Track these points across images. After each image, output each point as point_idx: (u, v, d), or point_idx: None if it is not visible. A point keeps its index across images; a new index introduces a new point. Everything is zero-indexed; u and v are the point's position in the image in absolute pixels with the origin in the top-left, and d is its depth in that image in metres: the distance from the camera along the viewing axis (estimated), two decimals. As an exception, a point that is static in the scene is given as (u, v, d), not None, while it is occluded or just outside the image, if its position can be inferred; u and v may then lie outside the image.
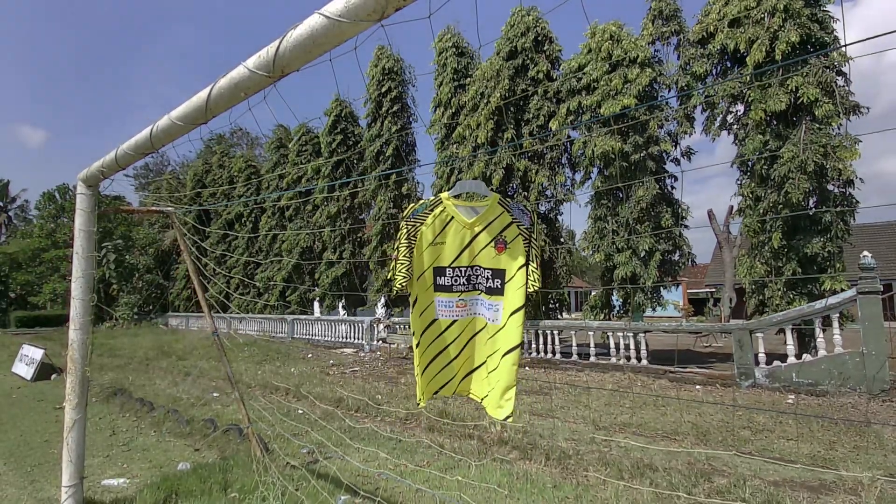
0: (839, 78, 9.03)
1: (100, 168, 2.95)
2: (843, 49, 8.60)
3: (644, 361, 9.69)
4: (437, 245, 1.81)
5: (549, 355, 11.07)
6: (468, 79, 13.52)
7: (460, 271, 1.83)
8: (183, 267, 23.84)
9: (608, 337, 10.40)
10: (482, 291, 1.84)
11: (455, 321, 1.85)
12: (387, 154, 16.13)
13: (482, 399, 1.88)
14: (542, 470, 4.35)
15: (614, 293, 11.80)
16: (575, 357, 10.64)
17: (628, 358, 9.91)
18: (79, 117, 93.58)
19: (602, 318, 11.81)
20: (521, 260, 1.81)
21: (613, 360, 10.09)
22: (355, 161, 17.81)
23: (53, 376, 9.88)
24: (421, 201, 1.87)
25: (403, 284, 1.84)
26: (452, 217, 1.81)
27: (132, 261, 27.15)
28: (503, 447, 5.01)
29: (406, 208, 1.85)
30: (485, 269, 1.82)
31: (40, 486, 4.25)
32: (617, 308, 11.93)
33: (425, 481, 4.00)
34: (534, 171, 12.04)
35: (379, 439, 5.15)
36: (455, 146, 13.41)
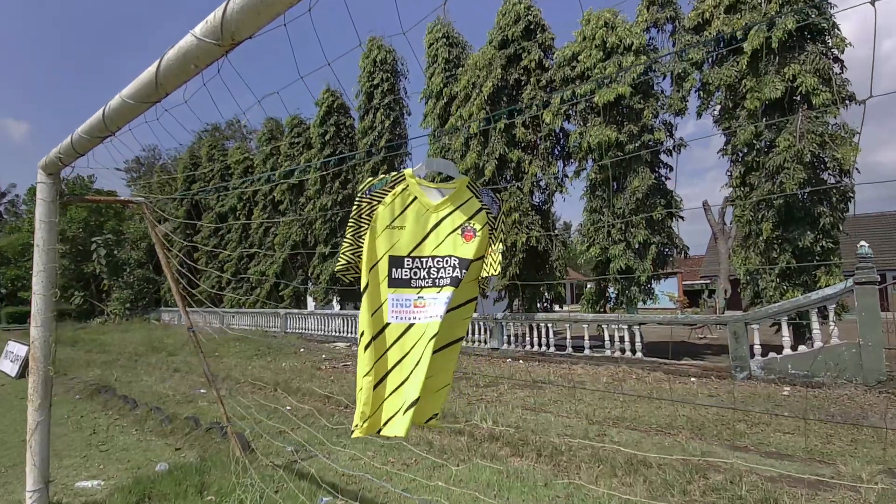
0: (836, 65, 8.89)
1: (57, 154, 2.76)
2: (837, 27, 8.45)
3: (639, 354, 9.60)
4: (394, 229, 1.54)
5: (544, 348, 10.97)
6: (460, 68, 13.30)
7: (421, 262, 1.56)
8: (176, 261, 23.58)
9: (603, 329, 10.29)
10: (444, 286, 1.55)
11: (412, 325, 1.52)
12: (379, 146, 15.91)
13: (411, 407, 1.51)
14: (533, 467, 4.22)
15: (610, 285, 11.70)
16: (570, 350, 10.54)
17: (623, 350, 9.81)
18: (66, 110, 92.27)
19: (598, 310, 11.72)
20: (484, 251, 1.61)
21: (608, 352, 9.99)
22: (346, 152, 17.57)
23: (38, 373, 9.67)
24: (381, 176, 1.60)
25: (344, 269, 1.56)
26: (415, 198, 1.58)
27: (123, 255, 26.84)
28: (494, 443, 4.88)
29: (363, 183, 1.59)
30: (451, 257, 1.56)
31: (12, 489, 4.09)
32: (612, 301, 11.82)
33: (412, 480, 3.87)
34: (527, 162, 11.87)
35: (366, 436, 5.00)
36: (447, 137, 13.21)
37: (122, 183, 42.30)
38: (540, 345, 11.09)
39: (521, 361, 10.69)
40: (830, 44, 8.83)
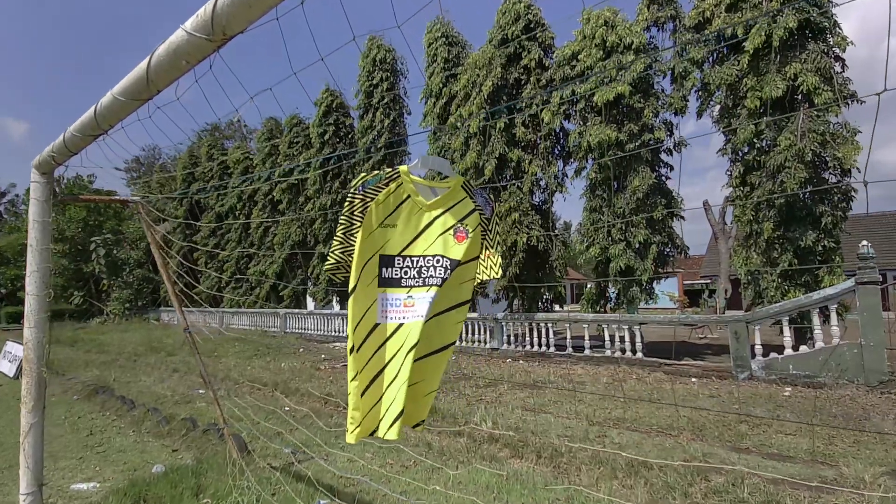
0: (837, 64, 8.85)
1: (50, 153, 2.71)
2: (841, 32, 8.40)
3: (639, 354, 9.56)
4: (386, 227, 1.49)
5: (544, 348, 10.93)
6: (459, 67, 13.27)
7: (411, 262, 1.51)
8: (174, 261, 23.50)
9: (603, 329, 10.26)
10: (432, 286, 1.51)
11: (402, 325, 1.49)
12: (378, 145, 15.87)
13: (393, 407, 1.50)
14: (533, 469, 4.19)
15: (610, 285, 11.66)
16: (570, 350, 10.50)
17: (623, 350, 9.77)
18: (66, 110, 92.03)
19: (598, 310, 11.67)
20: (475, 253, 1.58)
21: (608, 352, 9.95)
22: (345, 159, 17.54)
23: (36, 373, 9.64)
24: (374, 172, 1.52)
25: (334, 268, 1.49)
26: (409, 196, 1.52)
27: (122, 255, 26.78)
28: (493, 445, 4.85)
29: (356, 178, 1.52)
30: (443, 257, 1.52)
31: (8, 490, 4.05)
32: (612, 300, 11.78)
33: (410, 483, 3.83)
34: (527, 162, 11.83)
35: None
36: (447, 136, 13.18)
37: (122, 182, 42.21)
38: (540, 345, 11.05)
39: (520, 361, 10.65)
40: (832, 42, 8.79)
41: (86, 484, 3.96)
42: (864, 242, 7.49)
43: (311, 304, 19.73)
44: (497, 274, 1.58)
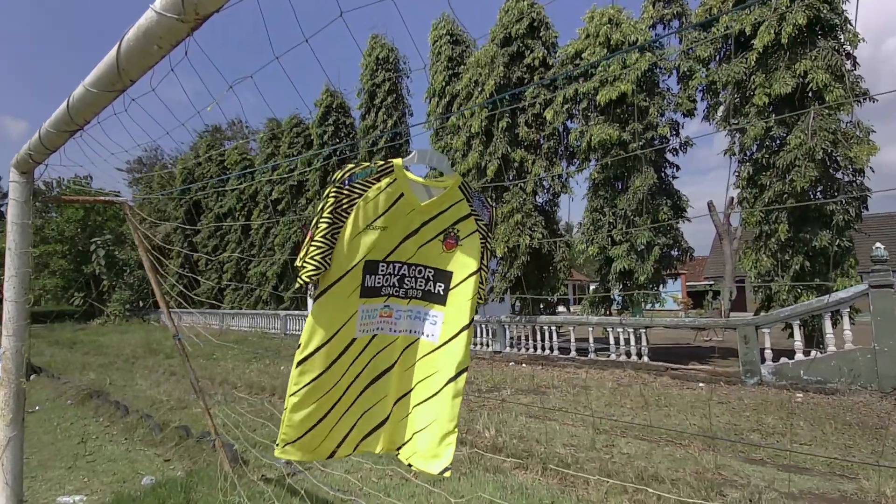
0: (848, 61, 8.65)
1: (28, 151, 2.55)
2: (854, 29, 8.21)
3: (645, 358, 9.37)
4: (375, 229, 1.28)
5: (547, 351, 10.75)
6: (462, 66, 13.11)
7: (394, 268, 1.33)
8: (175, 262, 23.38)
9: (608, 332, 10.07)
10: (416, 298, 1.37)
11: (375, 336, 1.33)
12: (380, 146, 15.72)
13: (404, 445, 1.37)
14: (538, 481, 4.01)
15: (613, 288, 11.47)
16: (573, 353, 10.31)
17: (628, 354, 9.58)
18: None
19: (602, 313, 11.47)
20: (474, 264, 1.37)
21: (613, 356, 9.76)
22: (346, 151, 17.40)
23: (32, 377, 9.49)
24: (364, 164, 1.30)
25: (314, 278, 1.25)
26: (402, 194, 1.32)
27: (123, 256, 26.67)
28: (497, 454, 4.66)
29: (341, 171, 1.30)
30: (426, 267, 1.36)
31: (-8, 504, 3.89)
32: (617, 303, 11.58)
33: (411, 497, 3.66)
34: (530, 162, 11.65)
35: (364, 447, 4.78)
36: (450, 136, 13.01)
37: (123, 183, 42.13)
38: (543, 348, 10.87)
39: (523, 365, 10.47)
40: (842, 39, 8.59)
41: (72, 497, 3.79)
42: (878, 245, 7.29)
43: (311, 305, 19.54)
44: (480, 300, 1.40)
